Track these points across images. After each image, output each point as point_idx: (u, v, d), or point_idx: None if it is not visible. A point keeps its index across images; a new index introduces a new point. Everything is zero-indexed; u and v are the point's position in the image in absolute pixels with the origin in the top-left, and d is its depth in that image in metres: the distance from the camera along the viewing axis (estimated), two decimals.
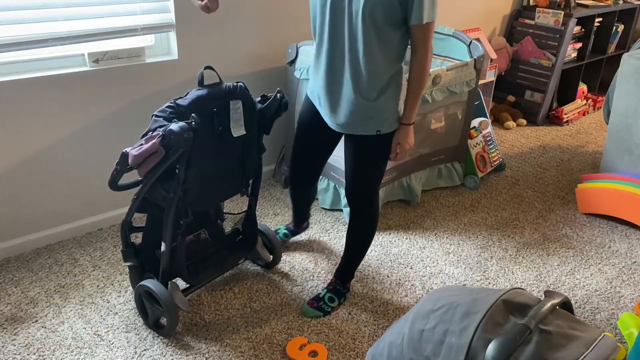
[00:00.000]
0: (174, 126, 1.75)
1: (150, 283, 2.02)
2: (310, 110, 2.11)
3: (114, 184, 1.93)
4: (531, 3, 4.37)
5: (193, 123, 1.78)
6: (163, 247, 2.00)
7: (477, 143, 3.33)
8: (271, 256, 2.44)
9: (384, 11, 1.75)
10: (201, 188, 1.99)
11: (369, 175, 2.07)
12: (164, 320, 2.09)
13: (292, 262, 2.54)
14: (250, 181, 2.23)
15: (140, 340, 2.07)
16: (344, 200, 2.86)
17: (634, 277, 2.58)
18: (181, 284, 2.27)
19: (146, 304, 2.08)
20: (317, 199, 3.01)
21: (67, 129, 2.47)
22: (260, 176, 2.24)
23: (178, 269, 2.08)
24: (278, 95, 2.06)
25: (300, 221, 2.60)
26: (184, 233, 2.04)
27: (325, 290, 2.29)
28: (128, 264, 2.10)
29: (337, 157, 2.91)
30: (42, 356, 1.99)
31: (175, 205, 1.93)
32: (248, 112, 2.03)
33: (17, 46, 2.23)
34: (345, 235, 2.24)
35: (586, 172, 3.56)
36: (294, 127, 3.05)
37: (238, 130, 2.00)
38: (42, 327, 2.11)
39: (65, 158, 2.51)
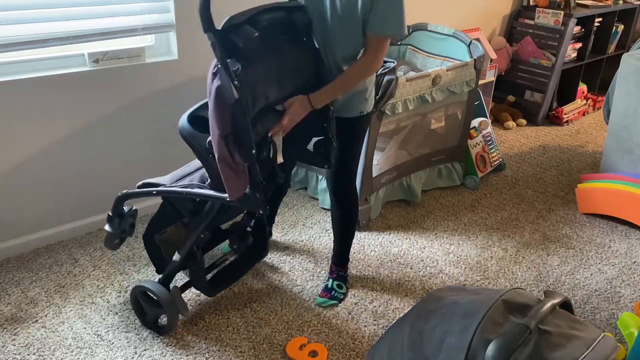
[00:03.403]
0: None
1: (148, 284, 2.02)
2: None
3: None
4: (531, 3, 4.36)
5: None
6: (176, 257, 2.00)
7: (477, 143, 3.33)
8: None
9: (354, 19, 1.86)
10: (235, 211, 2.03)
11: (353, 155, 2.17)
12: (162, 320, 2.09)
13: (292, 262, 2.54)
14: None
15: (140, 340, 2.07)
16: None
17: (634, 277, 2.58)
18: (179, 283, 2.27)
19: (143, 305, 2.08)
20: (317, 198, 3.01)
21: (67, 128, 2.47)
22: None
23: (199, 284, 2.09)
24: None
25: (267, 221, 2.53)
26: (203, 248, 2.07)
27: (331, 280, 2.35)
28: (107, 229, 2.05)
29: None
30: (42, 356, 1.99)
31: (203, 229, 1.94)
32: None
33: (17, 46, 2.23)
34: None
35: (586, 172, 3.56)
36: None
37: (279, 157, 1.88)
38: (42, 327, 2.11)
39: (65, 158, 2.51)
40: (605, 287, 2.50)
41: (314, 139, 2.11)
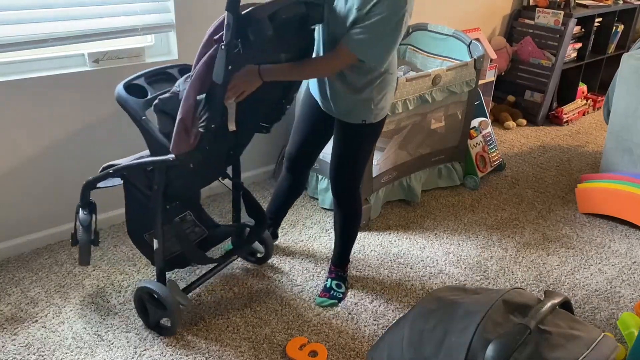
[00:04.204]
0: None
1: (151, 284, 2.02)
2: (310, 97, 2.21)
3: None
4: (531, 3, 4.36)
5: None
6: (156, 245, 2.00)
7: (477, 143, 3.33)
8: (263, 250, 2.46)
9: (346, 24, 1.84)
10: (188, 178, 1.99)
11: (354, 161, 2.15)
12: (165, 321, 2.09)
13: (292, 262, 2.54)
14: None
15: (140, 340, 2.07)
16: None
17: (634, 277, 2.58)
18: (180, 284, 2.27)
19: (147, 305, 2.08)
20: (317, 198, 3.01)
21: (67, 128, 2.47)
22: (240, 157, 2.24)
23: (194, 256, 2.09)
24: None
25: (275, 221, 2.54)
26: (202, 246, 2.07)
27: (330, 280, 2.35)
28: (78, 224, 2.10)
29: None
30: (42, 356, 1.99)
31: (161, 200, 1.93)
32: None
33: (17, 46, 2.23)
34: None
35: (586, 172, 3.56)
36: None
37: (231, 125, 1.93)
38: (42, 327, 2.11)
39: (65, 158, 2.51)
40: (605, 287, 2.50)
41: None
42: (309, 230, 2.79)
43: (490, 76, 3.89)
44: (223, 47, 1.61)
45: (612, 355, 1.49)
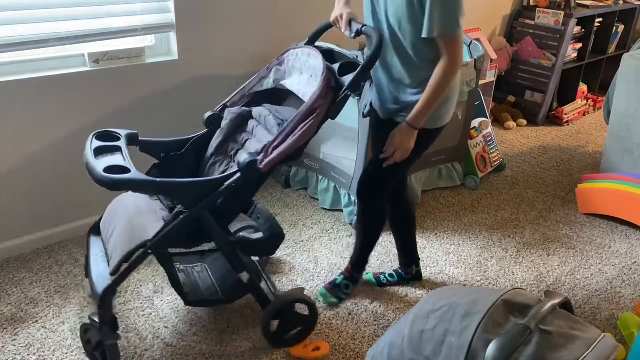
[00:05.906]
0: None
1: (278, 306, 1.99)
2: (368, 122, 2.25)
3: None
4: (531, 3, 4.37)
5: None
6: (246, 276, 1.98)
7: (477, 143, 3.33)
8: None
9: (411, 22, 1.82)
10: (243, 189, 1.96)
11: (390, 165, 2.03)
12: (294, 332, 2.07)
13: (292, 262, 2.54)
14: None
15: (140, 340, 2.07)
16: (344, 200, 2.86)
17: (634, 277, 2.58)
18: None
19: (283, 321, 2.05)
20: (317, 198, 3.01)
21: (67, 129, 2.47)
22: None
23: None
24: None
25: (407, 255, 2.42)
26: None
27: (342, 277, 2.33)
28: (110, 342, 1.80)
29: (338, 157, 2.91)
30: (42, 356, 1.99)
31: (223, 233, 1.90)
32: None
33: (17, 46, 2.23)
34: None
35: (586, 172, 3.56)
36: None
37: None
38: (42, 327, 2.11)
39: (64, 158, 2.51)
40: (605, 287, 2.50)
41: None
42: (309, 230, 2.79)
43: (490, 76, 3.89)
44: (350, 94, 1.89)
45: (612, 355, 1.49)
